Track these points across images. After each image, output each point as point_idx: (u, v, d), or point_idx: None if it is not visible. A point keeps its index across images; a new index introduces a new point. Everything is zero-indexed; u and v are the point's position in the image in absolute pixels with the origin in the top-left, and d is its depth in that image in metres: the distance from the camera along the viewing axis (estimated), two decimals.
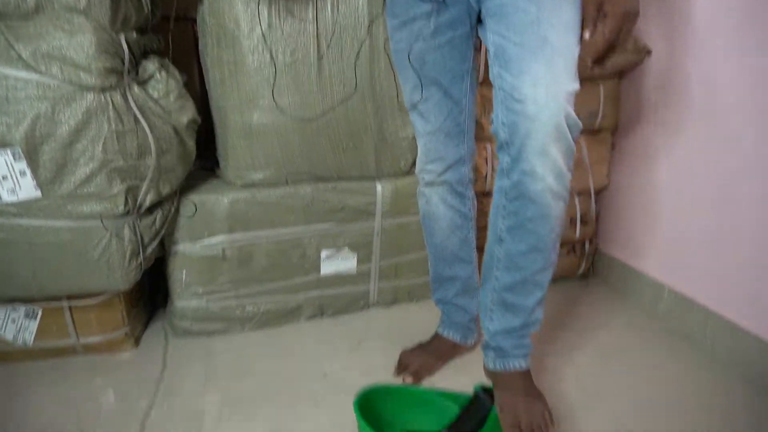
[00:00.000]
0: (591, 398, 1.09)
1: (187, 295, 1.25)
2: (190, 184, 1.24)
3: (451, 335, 1.18)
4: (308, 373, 1.17)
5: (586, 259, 1.59)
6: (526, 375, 0.94)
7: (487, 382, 0.97)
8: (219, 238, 1.23)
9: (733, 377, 1.16)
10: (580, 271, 1.60)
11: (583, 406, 1.06)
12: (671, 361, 1.22)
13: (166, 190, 1.09)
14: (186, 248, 1.22)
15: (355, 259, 1.35)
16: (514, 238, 0.86)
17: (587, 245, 1.57)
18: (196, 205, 1.19)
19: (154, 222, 1.11)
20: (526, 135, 0.79)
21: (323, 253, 1.31)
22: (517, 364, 0.93)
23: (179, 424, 1.01)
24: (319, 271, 1.33)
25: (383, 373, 1.16)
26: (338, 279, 1.36)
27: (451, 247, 1.10)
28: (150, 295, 1.39)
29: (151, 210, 1.11)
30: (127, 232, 1.06)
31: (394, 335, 1.30)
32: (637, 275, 1.46)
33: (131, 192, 1.05)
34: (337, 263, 1.34)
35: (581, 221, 1.52)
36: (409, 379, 1.10)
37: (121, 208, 1.03)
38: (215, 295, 1.27)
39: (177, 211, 1.18)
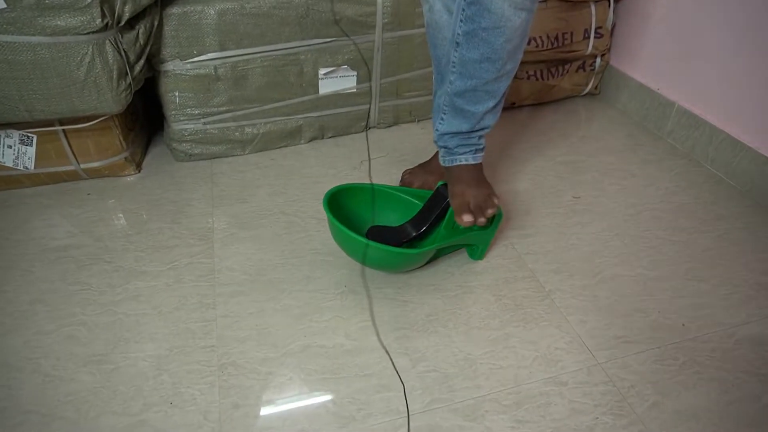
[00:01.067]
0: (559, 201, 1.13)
1: (182, 117, 1.21)
2: None
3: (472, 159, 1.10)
4: (311, 192, 1.18)
5: (595, 77, 1.52)
6: (475, 168, 0.96)
7: None
8: (210, 55, 1.15)
9: (732, 193, 1.19)
10: (587, 89, 1.54)
11: (547, 210, 1.10)
12: (668, 176, 1.23)
13: None
14: (176, 67, 1.15)
15: (355, 77, 1.29)
16: (469, 44, 0.83)
17: (598, 61, 1.49)
18: None
19: (136, 37, 1.02)
20: None
21: (321, 71, 1.24)
22: (464, 159, 0.96)
23: (192, 243, 1.05)
24: (317, 90, 1.27)
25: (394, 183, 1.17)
26: (338, 99, 1.30)
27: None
28: (146, 119, 1.35)
29: (131, 24, 1.02)
30: (109, 49, 0.98)
31: (396, 155, 1.30)
32: (647, 93, 1.41)
33: (107, 3, 0.94)
34: (336, 82, 1.28)
35: (595, 34, 1.42)
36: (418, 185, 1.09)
37: (98, 21, 0.94)
38: (212, 117, 1.23)
39: (161, 24, 1.08)
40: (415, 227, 0.95)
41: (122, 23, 0.98)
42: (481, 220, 0.90)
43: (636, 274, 0.98)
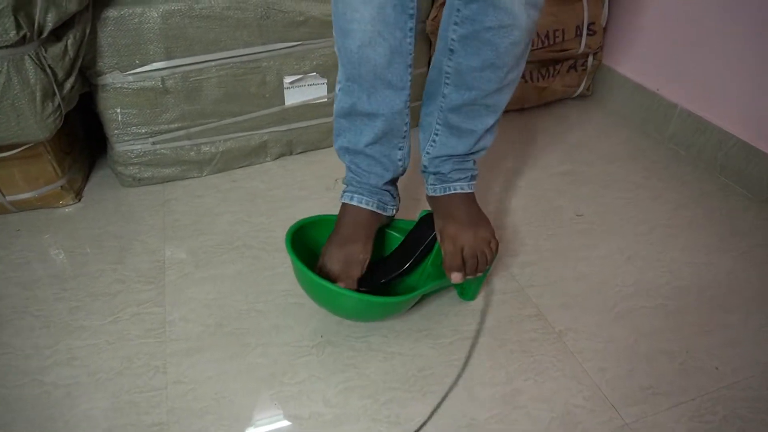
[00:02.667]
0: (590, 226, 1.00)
1: (126, 137, 1.05)
2: None
3: (365, 203, 0.81)
4: (279, 219, 1.03)
5: (588, 77, 1.40)
6: (470, 198, 0.82)
7: None
8: (155, 65, 0.99)
9: (748, 204, 1.07)
10: (579, 90, 1.42)
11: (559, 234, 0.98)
12: (675, 187, 1.12)
13: (72, 5, 0.82)
14: (115, 80, 0.98)
15: (325, 85, 1.14)
16: (467, 50, 0.70)
17: (591, 60, 1.37)
18: None
19: (65, 50, 0.86)
20: None
21: (286, 80, 1.09)
22: (459, 187, 0.81)
23: (139, 288, 0.89)
24: (283, 101, 1.12)
25: None
26: (307, 110, 1.15)
27: (376, 59, 0.70)
28: (87, 138, 1.18)
29: (57, 35, 0.85)
30: (29, 66, 0.81)
31: None
32: (645, 94, 1.29)
33: (23, 11, 0.78)
34: (304, 91, 1.13)
35: (588, 31, 1.30)
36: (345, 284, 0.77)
37: (12, 33, 0.77)
38: (162, 136, 1.07)
39: (93, 30, 0.92)
40: (398, 264, 0.81)
41: (45, 34, 0.81)
42: (472, 276, 0.77)
43: (655, 306, 0.85)
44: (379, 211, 0.81)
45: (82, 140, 1.14)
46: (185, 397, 0.72)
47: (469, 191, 0.82)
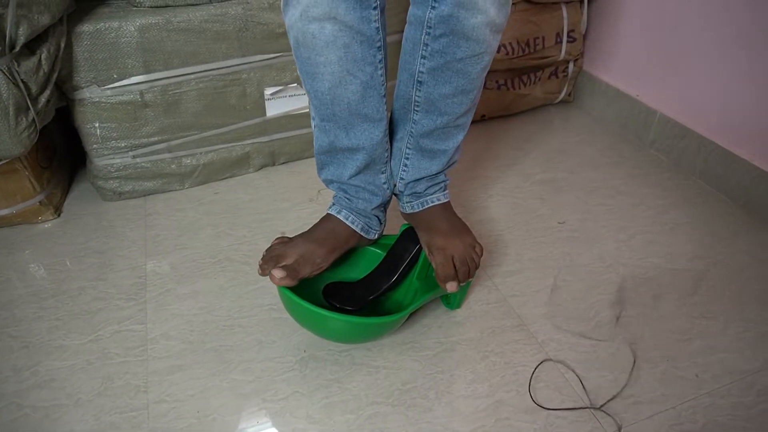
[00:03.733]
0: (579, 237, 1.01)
1: (106, 151, 1.04)
2: (80, 7, 0.95)
3: (350, 221, 0.81)
4: (262, 231, 1.02)
5: (569, 84, 1.41)
6: (446, 207, 0.84)
7: None
8: (134, 79, 0.98)
9: (727, 209, 1.09)
10: (561, 97, 1.43)
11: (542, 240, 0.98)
12: (656, 193, 1.13)
13: (44, 19, 0.81)
14: (93, 94, 0.97)
15: (306, 95, 1.14)
16: (438, 80, 0.70)
17: (571, 66, 1.38)
18: None
19: (38, 64, 0.85)
20: None
21: (267, 91, 1.09)
22: (436, 200, 0.83)
23: (120, 305, 0.88)
24: (264, 112, 1.12)
25: None
26: (289, 120, 1.15)
27: (349, 97, 0.68)
28: (66, 151, 1.17)
29: (31, 48, 0.84)
30: (2, 81, 0.80)
31: None
32: (625, 100, 1.31)
33: None
34: (286, 102, 1.13)
35: (568, 38, 1.31)
36: (280, 276, 0.71)
37: None
38: (142, 149, 1.06)
39: (69, 44, 0.91)
40: (384, 279, 0.80)
41: (17, 48, 0.81)
42: (464, 283, 0.78)
43: (637, 314, 0.86)
44: (361, 233, 0.81)
45: (60, 154, 1.13)
46: (167, 417, 0.72)
47: (445, 201, 0.83)
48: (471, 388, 0.75)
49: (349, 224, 0.80)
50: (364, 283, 0.80)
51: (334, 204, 0.82)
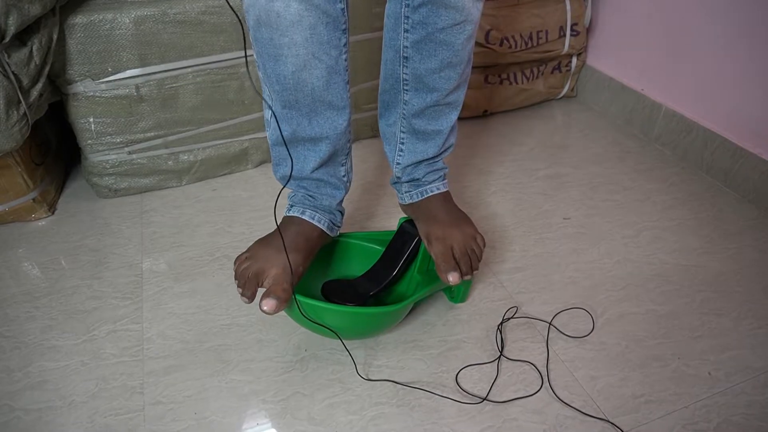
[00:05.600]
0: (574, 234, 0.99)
1: (101, 147, 1.01)
2: None
3: (317, 220, 0.76)
4: (260, 228, 1.00)
5: (572, 78, 1.39)
6: (446, 197, 0.82)
7: None
8: (129, 73, 0.96)
9: (735, 204, 1.07)
10: (564, 91, 1.41)
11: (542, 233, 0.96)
12: (663, 188, 1.11)
13: (35, 9, 0.79)
14: (87, 88, 0.95)
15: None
16: (423, 54, 0.70)
17: (575, 61, 1.36)
18: None
19: (29, 56, 0.82)
20: None
21: None
22: (435, 188, 0.81)
23: (115, 303, 0.85)
24: (262, 107, 1.09)
25: (349, 220, 1.01)
26: None
27: (313, 82, 0.65)
28: (60, 148, 1.14)
29: (22, 40, 0.82)
30: None
31: (356, 177, 1.13)
32: (630, 94, 1.29)
33: None
34: None
35: (571, 31, 1.28)
36: (271, 306, 0.65)
37: None
38: (138, 145, 1.04)
39: (62, 37, 0.89)
40: (384, 274, 0.78)
41: (7, 39, 0.78)
42: (468, 276, 0.74)
43: (646, 311, 0.84)
44: (327, 232, 0.77)
45: (54, 150, 1.10)
46: (163, 419, 0.69)
47: (444, 190, 0.82)
48: (477, 388, 0.73)
49: (316, 223, 0.76)
50: (364, 279, 0.78)
51: (293, 206, 0.77)
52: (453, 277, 0.72)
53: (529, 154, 1.22)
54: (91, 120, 0.98)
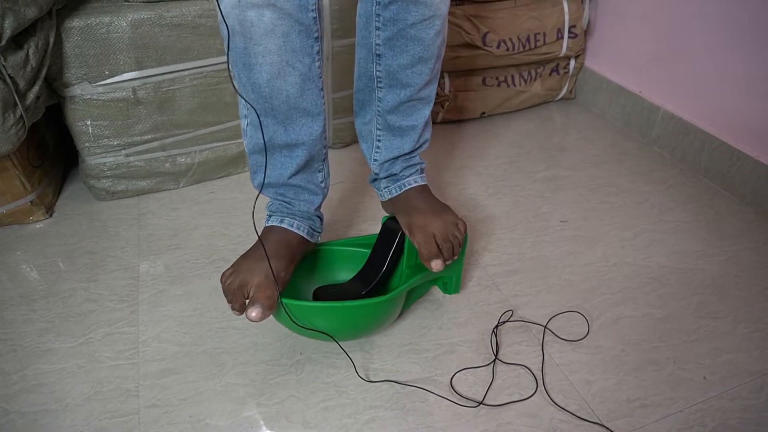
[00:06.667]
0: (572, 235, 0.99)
1: (98, 149, 1.02)
2: (71, 1, 0.93)
3: (296, 227, 0.76)
4: (258, 231, 1.00)
5: (570, 80, 1.39)
6: (425, 189, 0.84)
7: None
8: (126, 76, 0.96)
9: (733, 207, 1.06)
10: (562, 94, 1.40)
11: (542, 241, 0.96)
12: (661, 190, 1.10)
13: (31, 12, 0.79)
14: (84, 91, 0.95)
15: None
16: (395, 50, 0.72)
17: (573, 63, 1.36)
18: None
19: (26, 58, 0.83)
20: None
21: None
22: (413, 182, 0.83)
23: (112, 306, 0.86)
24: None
25: (344, 219, 1.01)
26: None
27: (288, 90, 0.65)
28: (58, 150, 1.15)
29: (18, 42, 0.82)
30: None
31: (354, 179, 1.14)
32: (628, 96, 1.28)
33: None
34: None
35: (569, 33, 1.28)
36: (257, 313, 0.65)
37: None
38: (135, 148, 1.04)
39: (59, 40, 0.89)
40: (374, 272, 0.78)
41: (3, 42, 0.78)
42: (449, 262, 0.76)
43: (642, 315, 0.84)
44: (308, 238, 0.77)
45: (52, 153, 1.11)
46: (159, 422, 0.69)
47: (423, 183, 0.83)
48: (472, 392, 0.73)
49: (296, 230, 0.76)
50: (354, 281, 0.78)
51: (271, 215, 0.77)
52: (435, 264, 0.73)
53: (527, 156, 1.22)
54: (89, 123, 0.98)
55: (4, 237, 0.99)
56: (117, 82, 0.96)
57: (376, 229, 0.83)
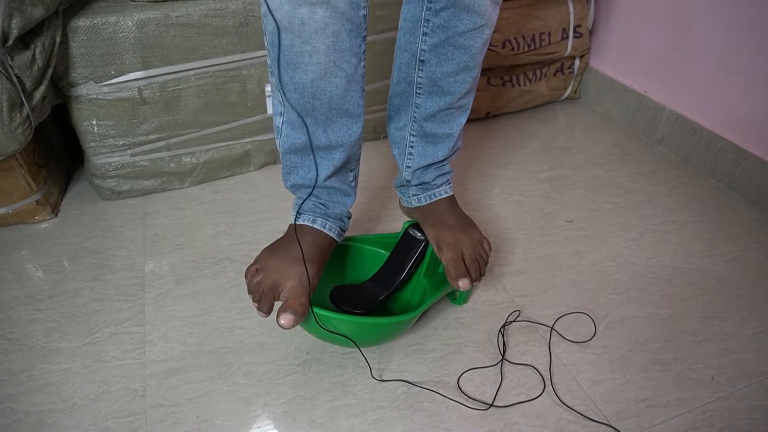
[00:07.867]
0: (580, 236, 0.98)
1: (104, 149, 1.02)
2: (77, 1, 0.93)
3: (328, 228, 0.75)
4: (263, 231, 1.00)
5: (575, 80, 1.39)
6: (452, 201, 0.82)
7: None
8: (132, 75, 0.96)
9: (738, 207, 1.06)
10: (567, 93, 1.40)
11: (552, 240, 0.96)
12: (665, 191, 1.10)
13: (38, 12, 0.79)
14: (90, 91, 0.95)
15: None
16: (440, 57, 0.70)
17: (577, 62, 1.36)
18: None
19: (32, 58, 0.82)
20: None
21: (268, 88, 1.07)
22: (443, 192, 0.82)
23: (118, 306, 0.86)
24: (265, 109, 1.10)
25: (353, 223, 1.00)
26: None
27: (332, 91, 0.63)
28: (63, 150, 1.15)
29: (25, 42, 0.82)
30: None
31: (361, 179, 1.13)
32: (633, 96, 1.28)
33: None
34: None
35: (574, 33, 1.28)
36: (289, 321, 0.64)
37: None
38: (141, 147, 1.04)
39: (65, 40, 0.89)
40: (392, 279, 0.78)
41: (10, 42, 0.78)
42: (477, 282, 0.76)
43: (648, 315, 0.84)
44: (337, 239, 0.77)
45: (57, 153, 1.11)
46: (165, 422, 0.69)
47: (451, 194, 0.82)
48: (479, 392, 0.73)
49: (327, 232, 0.74)
50: (371, 284, 0.78)
51: (303, 213, 0.75)
52: (463, 283, 0.73)
53: (532, 156, 1.22)
54: (94, 122, 0.98)
55: (10, 237, 0.99)
56: (123, 82, 0.96)
57: (382, 228, 0.83)
